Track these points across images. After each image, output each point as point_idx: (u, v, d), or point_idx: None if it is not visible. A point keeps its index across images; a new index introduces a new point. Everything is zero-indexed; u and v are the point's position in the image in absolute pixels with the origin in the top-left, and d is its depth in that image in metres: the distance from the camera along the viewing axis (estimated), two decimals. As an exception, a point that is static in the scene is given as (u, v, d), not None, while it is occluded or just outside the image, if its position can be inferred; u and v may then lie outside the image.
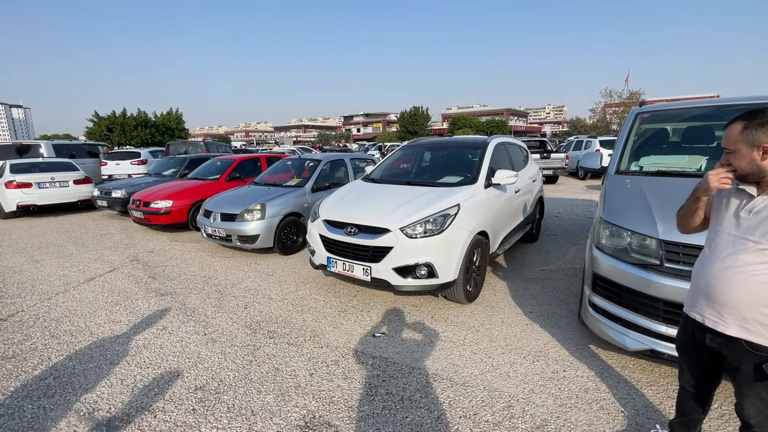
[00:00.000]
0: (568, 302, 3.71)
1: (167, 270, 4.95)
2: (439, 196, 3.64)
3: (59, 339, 3.22)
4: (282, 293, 4.11)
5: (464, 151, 4.82)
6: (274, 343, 3.08)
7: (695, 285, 1.55)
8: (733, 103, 3.20)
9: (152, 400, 2.40)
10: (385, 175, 4.80)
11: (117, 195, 8.02)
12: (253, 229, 5.15)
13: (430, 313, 3.54)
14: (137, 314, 3.65)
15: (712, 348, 1.50)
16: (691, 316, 1.56)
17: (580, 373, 2.59)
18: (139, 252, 5.83)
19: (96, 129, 29.29)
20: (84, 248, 6.12)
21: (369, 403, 2.34)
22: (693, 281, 1.58)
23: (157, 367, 2.76)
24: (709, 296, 1.45)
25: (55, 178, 9.02)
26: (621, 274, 2.47)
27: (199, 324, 3.43)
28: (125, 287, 4.37)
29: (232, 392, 2.46)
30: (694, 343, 1.58)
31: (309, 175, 6.23)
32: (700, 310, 1.50)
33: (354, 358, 2.84)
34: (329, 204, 4.02)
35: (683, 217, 1.63)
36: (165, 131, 30.76)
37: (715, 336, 1.45)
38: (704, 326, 1.48)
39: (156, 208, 6.70)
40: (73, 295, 4.17)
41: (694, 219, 1.58)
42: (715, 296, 1.42)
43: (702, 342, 1.52)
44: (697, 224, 1.61)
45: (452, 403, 2.33)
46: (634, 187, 2.90)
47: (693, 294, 1.56)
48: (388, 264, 3.31)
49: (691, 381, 1.68)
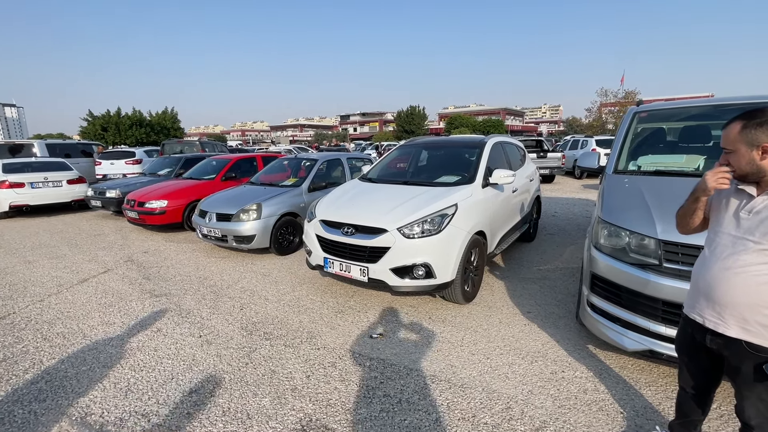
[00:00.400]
0: (566, 302, 3.70)
1: (162, 271, 4.90)
2: (436, 196, 3.62)
3: (51, 342, 3.16)
4: (278, 294, 4.08)
5: (462, 151, 4.80)
6: (270, 344, 3.04)
7: (695, 286, 1.53)
8: (730, 103, 3.20)
9: (146, 404, 2.36)
10: (383, 174, 4.78)
11: (111, 195, 7.94)
12: (249, 230, 5.11)
13: (428, 313, 3.52)
14: (131, 316, 3.61)
15: (712, 349, 1.48)
16: (690, 317, 1.54)
17: (578, 374, 2.58)
18: (134, 253, 5.76)
19: (90, 128, 29.06)
20: (77, 249, 6.04)
21: (366, 405, 2.31)
22: (693, 282, 1.56)
23: (151, 370, 2.72)
24: (709, 297, 1.44)
25: (49, 178, 8.91)
26: (620, 274, 2.45)
27: (195, 326, 3.39)
28: (119, 288, 4.32)
29: (227, 395, 2.43)
30: (694, 344, 1.56)
31: (305, 174, 6.19)
32: (700, 311, 1.48)
33: (351, 359, 2.81)
34: (326, 204, 3.99)
35: (682, 218, 1.61)
36: (160, 130, 30.57)
37: (715, 337, 1.44)
38: (704, 327, 1.47)
39: (151, 208, 6.63)
40: (66, 297, 4.11)
41: (693, 219, 1.57)
42: (716, 297, 1.40)
43: (702, 343, 1.51)
44: (697, 225, 1.59)
45: (451, 405, 2.30)
46: (632, 187, 2.89)
47: (693, 295, 1.55)
48: (386, 264, 3.29)
49: (691, 382, 1.67)
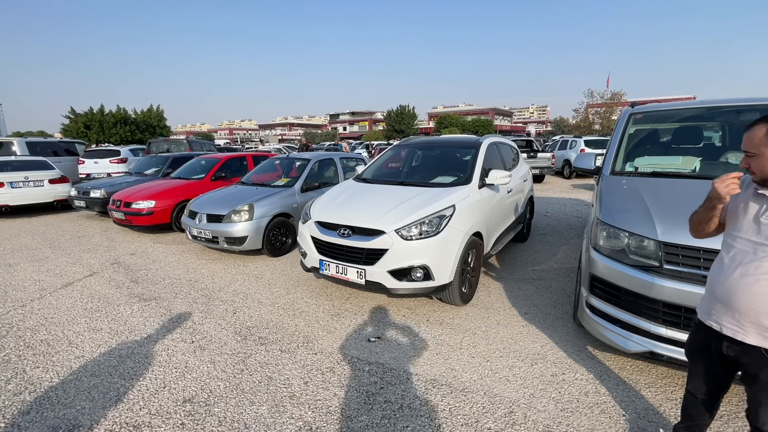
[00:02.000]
0: (562, 302, 3.71)
1: (150, 273, 4.76)
2: (433, 197, 3.58)
3: (35, 349, 3.03)
4: (272, 297, 3.99)
5: (457, 151, 4.78)
6: (265, 350, 2.97)
7: (711, 292, 1.50)
8: (724, 105, 3.24)
9: (137, 415, 2.27)
10: (378, 175, 4.72)
11: (96, 195, 7.71)
12: (241, 231, 5.00)
13: (425, 315, 3.48)
14: (119, 321, 3.48)
15: (727, 356, 1.47)
16: (707, 324, 1.52)
17: (579, 376, 2.57)
18: (120, 255, 5.60)
19: (73, 126, 28.26)
20: (61, 251, 5.84)
21: (367, 412, 2.26)
22: (708, 288, 1.53)
23: (142, 378, 2.61)
24: (728, 304, 1.41)
25: (29, 177, 8.60)
26: (619, 276, 2.45)
27: (186, 331, 3.28)
28: (106, 292, 4.18)
29: (223, 404, 2.35)
30: (708, 351, 1.55)
31: (298, 174, 6.10)
32: (718, 318, 1.46)
33: (349, 364, 2.76)
34: (321, 205, 3.92)
35: (697, 224, 1.58)
36: (146, 129, 29.90)
37: (732, 344, 1.42)
38: (721, 334, 1.45)
39: (138, 208, 6.45)
40: (49, 302, 3.95)
41: (709, 226, 1.54)
42: (735, 304, 1.38)
43: (717, 350, 1.49)
44: (712, 230, 1.56)
45: (453, 410, 2.27)
46: (630, 189, 2.90)
47: (709, 301, 1.52)
48: (383, 267, 3.24)
49: (703, 388, 1.65)
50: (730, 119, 3.38)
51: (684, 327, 2.20)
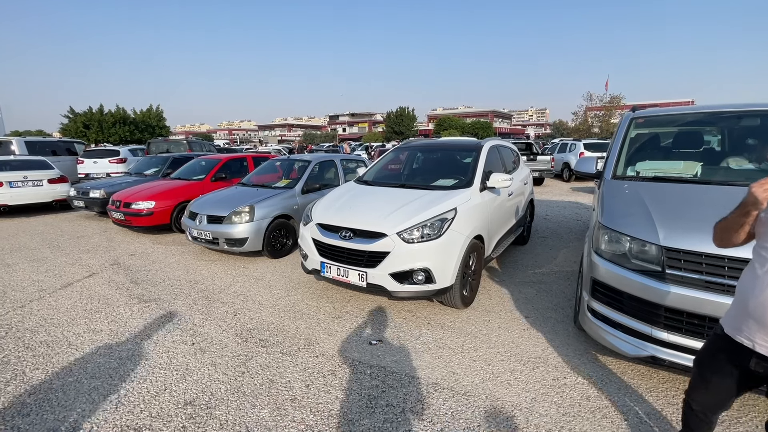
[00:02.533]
0: (563, 306, 3.71)
1: (150, 275, 4.75)
2: (435, 200, 3.58)
3: (34, 351, 3.01)
4: (273, 299, 3.98)
5: (458, 154, 4.79)
6: (266, 352, 2.96)
7: (743, 307, 1.40)
8: (726, 110, 3.26)
9: (138, 417, 2.26)
10: (379, 177, 4.73)
11: (95, 195, 7.70)
12: (241, 232, 5.00)
13: (426, 318, 3.48)
14: (119, 323, 3.47)
15: (754, 372, 1.39)
16: (737, 340, 1.42)
17: (580, 380, 2.57)
18: (120, 255, 5.58)
19: (72, 126, 28.25)
20: (60, 251, 5.82)
21: (369, 416, 2.26)
22: (739, 302, 1.43)
23: (142, 381, 2.60)
24: (761, 321, 1.32)
25: (28, 177, 8.58)
26: (621, 280, 2.45)
27: (187, 333, 3.27)
28: (106, 293, 4.16)
29: (224, 407, 2.34)
30: (723, 364, 1.48)
31: (298, 176, 6.09)
32: (750, 335, 1.37)
33: (351, 367, 2.75)
34: (323, 207, 3.91)
35: (725, 232, 1.45)
36: (145, 129, 29.91)
37: (762, 361, 1.35)
38: (753, 351, 1.37)
39: (138, 209, 6.44)
40: (48, 303, 3.94)
41: (739, 234, 1.40)
42: None
43: (741, 365, 1.42)
44: (741, 240, 1.43)
45: (455, 414, 2.27)
46: (632, 193, 2.90)
47: (739, 316, 1.41)
48: (385, 269, 3.23)
49: (712, 400, 1.59)
50: (730, 124, 3.40)
51: (686, 332, 2.21)
